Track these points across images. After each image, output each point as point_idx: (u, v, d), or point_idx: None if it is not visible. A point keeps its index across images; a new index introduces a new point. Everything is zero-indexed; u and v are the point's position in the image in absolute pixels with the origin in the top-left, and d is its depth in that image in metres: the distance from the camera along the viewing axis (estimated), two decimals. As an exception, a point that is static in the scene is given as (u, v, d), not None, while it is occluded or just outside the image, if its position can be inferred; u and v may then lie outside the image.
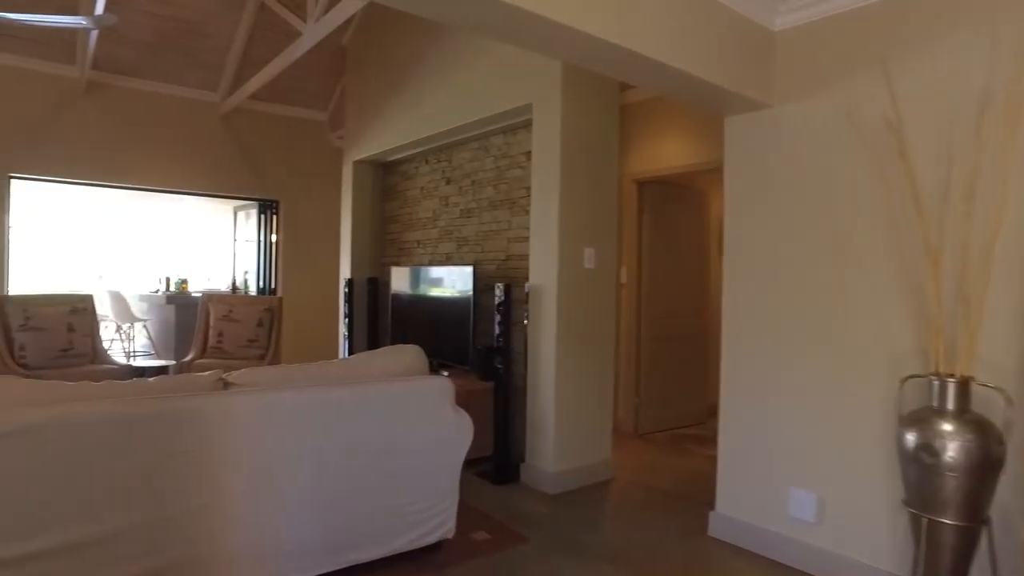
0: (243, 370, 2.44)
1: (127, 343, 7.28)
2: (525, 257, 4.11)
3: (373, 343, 5.68)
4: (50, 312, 4.75)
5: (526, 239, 4.13)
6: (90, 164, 5.83)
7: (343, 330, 5.74)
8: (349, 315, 5.63)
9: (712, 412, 5.30)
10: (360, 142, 5.78)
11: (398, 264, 5.58)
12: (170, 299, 7.06)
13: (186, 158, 6.29)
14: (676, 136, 4.90)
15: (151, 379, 2.28)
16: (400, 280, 5.17)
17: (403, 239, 5.64)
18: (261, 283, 6.82)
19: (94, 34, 5.00)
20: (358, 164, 5.86)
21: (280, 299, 5.67)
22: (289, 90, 6.58)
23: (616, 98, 4.00)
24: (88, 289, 7.30)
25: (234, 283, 7.37)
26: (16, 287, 5.79)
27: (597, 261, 3.85)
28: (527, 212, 4.17)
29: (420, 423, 2.61)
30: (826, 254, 2.65)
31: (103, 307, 7.19)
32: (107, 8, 4.21)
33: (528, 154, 4.17)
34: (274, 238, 6.82)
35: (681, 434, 5.10)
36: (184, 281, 7.46)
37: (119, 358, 6.34)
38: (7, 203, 5.55)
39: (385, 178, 5.96)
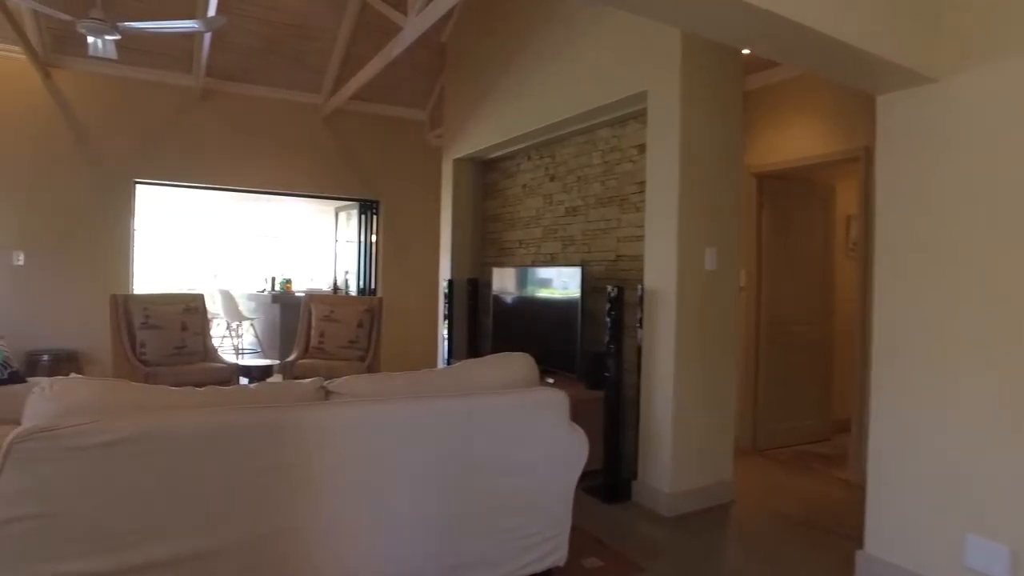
0: (344, 378, 2.30)
1: (236, 340, 7.54)
2: (636, 258, 3.82)
3: (473, 345, 5.55)
4: (166, 311, 4.90)
5: (638, 238, 3.84)
6: (204, 168, 6.04)
7: (442, 332, 5.64)
8: (449, 317, 5.52)
9: (839, 428, 4.79)
10: (460, 139, 5.67)
11: (500, 264, 5.42)
12: (275, 298, 7.25)
13: (291, 160, 6.41)
14: (801, 126, 4.45)
15: (252, 386, 2.18)
16: (502, 281, 4.99)
17: (504, 239, 5.47)
18: (361, 283, 6.86)
19: (207, 41, 5.13)
20: (458, 162, 5.74)
21: (380, 299, 5.64)
22: (389, 89, 6.57)
23: (739, 83, 3.64)
24: (204, 288, 7.62)
25: (335, 283, 7.47)
26: (139, 286, 6.07)
27: (718, 262, 3.50)
28: (639, 209, 3.88)
29: (533, 440, 2.40)
30: (1017, 249, 2.21)
31: (215, 305, 7.49)
32: (218, 12, 4.28)
33: (640, 147, 3.88)
34: (374, 238, 6.84)
35: (804, 451, 4.64)
36: (288, 281, 7.64)
37: (228, 356, 6.55)
38: (132, 206, 5.81)
39: (485, 176, 5.82)
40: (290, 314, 7.27)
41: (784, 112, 4.54)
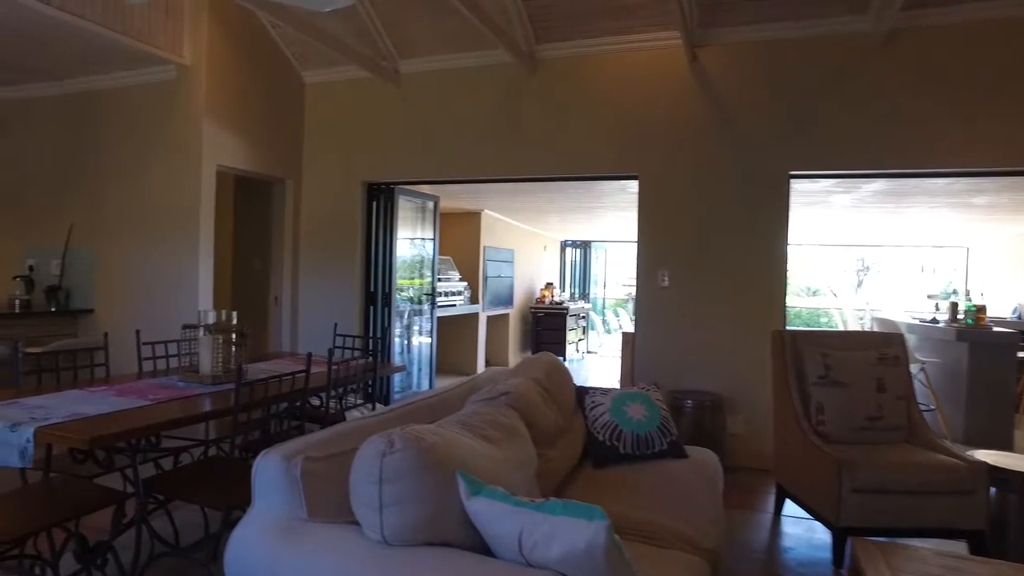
0: None
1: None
2: None
3: None
4: (853, 359, 3.23)
5: None
6: (882, 147, 4.20)
7: None
8: None
9: None
10: None
11: None
12: (962, 334, 4.90)
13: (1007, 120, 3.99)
14: None
15: None
16: None
17: None
18: None
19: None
20: None
21: None
22: None
23: None
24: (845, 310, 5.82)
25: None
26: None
27: None
28: None
29: None
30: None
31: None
32: None
33: None
34: None
35: None
36: (979, 308, 5.16)
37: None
38: (786, 209, 4.40)
39: None
40: (985, 359, 4.84)
41: None
